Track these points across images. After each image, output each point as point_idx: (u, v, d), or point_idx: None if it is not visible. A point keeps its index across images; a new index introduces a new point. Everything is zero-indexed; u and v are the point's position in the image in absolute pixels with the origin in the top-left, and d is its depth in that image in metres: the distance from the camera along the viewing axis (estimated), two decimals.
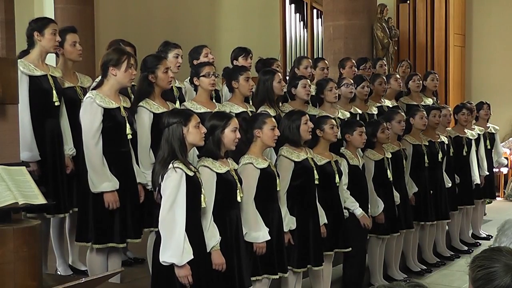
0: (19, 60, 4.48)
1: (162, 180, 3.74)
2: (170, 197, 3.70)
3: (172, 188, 3.70)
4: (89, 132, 4.27)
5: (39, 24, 4.60)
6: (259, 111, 5.24)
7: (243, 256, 4.21)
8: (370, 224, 5.57)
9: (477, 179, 7.55)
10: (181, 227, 3.69)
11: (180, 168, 3.71)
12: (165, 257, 3.70)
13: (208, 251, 3.95)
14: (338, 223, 5.26)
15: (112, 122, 4.33)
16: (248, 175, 4.33)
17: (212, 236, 3.97)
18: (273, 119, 4.59)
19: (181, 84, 5.45)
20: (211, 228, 3.98)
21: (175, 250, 3.67)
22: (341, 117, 6.02)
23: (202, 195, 3.84)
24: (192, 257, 3.72)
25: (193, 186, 3.78)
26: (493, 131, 8.13)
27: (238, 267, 4.14)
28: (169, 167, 3.71)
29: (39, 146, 4.49)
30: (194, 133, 3.82)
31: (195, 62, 5.59)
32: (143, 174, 4.49)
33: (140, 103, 4.55)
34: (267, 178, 4.45)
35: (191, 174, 3.77)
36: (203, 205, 3.85)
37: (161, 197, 3.77)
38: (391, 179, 5.93)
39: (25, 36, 4.64)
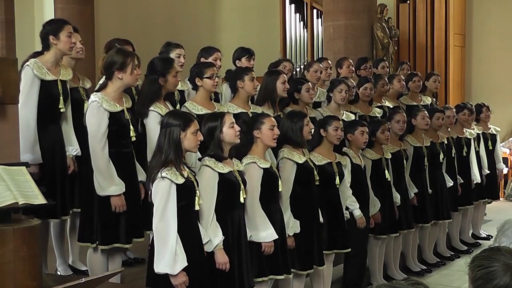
0: (34, 61, 4.46)
1: (151, 186, 3.76)
2: (160, 206, 3.71)
3: (161, 197, 3.71)
4: (95, 136, 4.26)
5: (54, 27, 4.55)
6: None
7: (245, 257, 4.20)
8: (364, 225, 5.54)
9: (477, 178, 7.54)
10: (173, 236, 3.69)
11: (168, 178, 3.70)
12: (159, 268, 3.70)
13: (211, 250, 3.95)
14: (337, 223, 5.25)
15: (117, 126, 4.33)
16: (252, 175, 4.33)
17: (215, 236, 3.98)
18: (272, 118, 4.57)
19: (183, 86, 5.44)
20: (213, 227, 3.99)
21: (168, 260, 3.67)
22: (345, 119, 6.02)
23: (196, 198, 3.83)
24: (186, 264, 3.71)
25: (185, 192, 3.77)
26: (494, 132, 8.12)
27: (238, 268, 4.14)
28: (158, 175, 3.71)
29: (44, 150, 4.48)
30: (190, 140, 3.81)
31: (202, 60, 5.58)
32: (144, 173, 4.48)
33: (151, 108, 4.52)
34: (269, 178, 4.45)
35: (180, 182, 3.74)
36: (196, 207, 3.84)
37: (152, 201, 3.79)
38: (389, 179, 5.93)
39: (40, 38, 4.61)
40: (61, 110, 4.58)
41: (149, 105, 4.54)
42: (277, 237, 4.37)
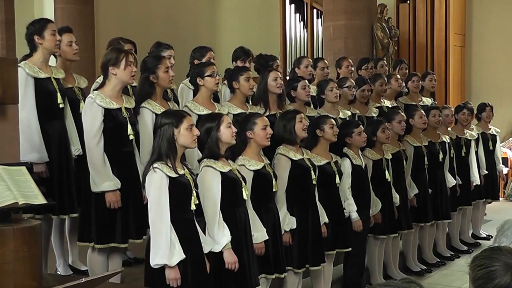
0: (24, 63, 4.51)
1: (144, 180, 3.77)
2: (154, 198, 3.72)
3: (154, 189, 3.72)
4: (90, 133, 4.28)
5: (37, 27, 4.61)
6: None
7: (252, 254, 4.22)
8: (360, 229, 5.53)
9: (476, 180, 7.53)
10: (167, 228, 3.69)
11: (159, 169, 3.71)
12: (155, 260, 3.69)
13: (219, 250, 3.97)
14: (338, 223, 5.26)
15: (113, 123, 4.34)
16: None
17: (223, 235, 3.99)
18: (265, 118, 4.58)
19: (173, 86, 5.44)
20: (221, 227, 4.00)
21: (164, 251, 3.67)
22: (342, 117, 6.01)
23: (192, 197, 3.83)
24: (184, 256, 3.72)
25: (178, 188, 3.76)
26: (494, 133, 8.11)
27: (248, 265, 4.16)
28: (150, 168, 3.73)
29: (47, 148, 4.49)
30: (185, 135, 3.81)
31: (196, 62, 5.58)
32: None
33: (143, 104, 4.54)
34: (261, 179, 4.46)
35: (173, 175, 3.74)
36: (192, 207, 3.84)
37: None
38: (389, 180, 5.92)
39: (25, 40, 4.65)
40: (61, 106, 4.59)
41: (140, 103, 4.55)
42: (267, 238, 4.37)
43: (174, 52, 5.42)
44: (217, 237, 3.98)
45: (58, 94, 4.59)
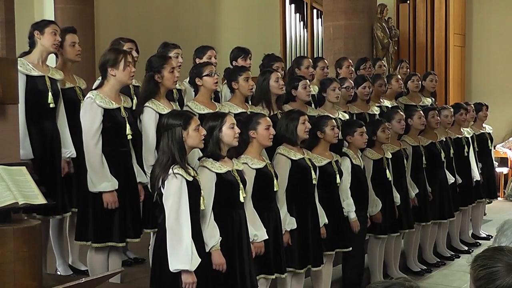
0: (18, 59, 4.48)
1: (162, 185, 3.73)
2: (174, 205, 3.69)
3: (174, 195, 3.69)
4: (89, 132, 4.28)
5: (40, 24, 4.64)
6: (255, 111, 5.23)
7: (247, 257, 4.19)
8: (358, 229, 5.51)
9: (477, 176, 7.54)
10: (188, 233, 3.68)
11: (180, 174, 3.69)
12: (175, 265, 3.67)
13: (207, 250, 3.94)
14: (338, 223, 5.26)
15: (112, 123, 4.33)
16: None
17: (212, 236, 3.96)
18: (268, 118, 4.57)
19: (180, 86, 5.44)
20: (210, 228, 3.97)
21: (185, 256, 3.66)
22: (341, 118, 6.01)
23: (201, 197, 3.84)
24: (200, 260, 3.71)
25: (193, 190, 3.77)
26: (489, 131, 8.13)
27: (240, 268, 4.13)
28: (169, 173, 3.69)
29: (34, 146, 4.47)
30: (193, 137, 3.81)
31: (197, 60, 5.59)
32: (144, 174, 4.49)
33: (146, 104, 4.53)
34: (263, 178, 4.44)
35: (190, 179, 3.74)
36: (202, 207, 3.85)
37: (161, 200, 3.76)
38: (390, 179, 5.92)
39: (27, 38, 4.66)
40: (51, 106, 4.57)
41: (144, 102, 4.55)
42: (267, 237, 4.35)
43: (181, 51, 5.43)
44: (205, 237, 3.94)
45: (50, 94, 4.55)
